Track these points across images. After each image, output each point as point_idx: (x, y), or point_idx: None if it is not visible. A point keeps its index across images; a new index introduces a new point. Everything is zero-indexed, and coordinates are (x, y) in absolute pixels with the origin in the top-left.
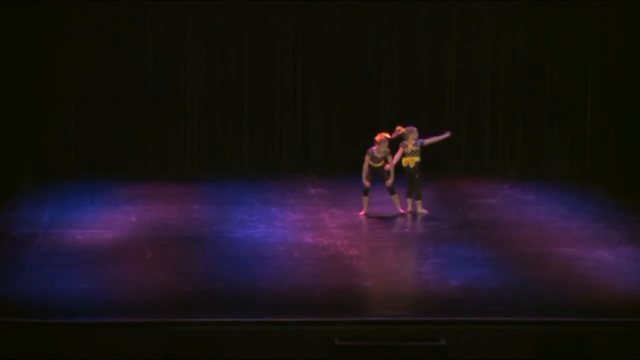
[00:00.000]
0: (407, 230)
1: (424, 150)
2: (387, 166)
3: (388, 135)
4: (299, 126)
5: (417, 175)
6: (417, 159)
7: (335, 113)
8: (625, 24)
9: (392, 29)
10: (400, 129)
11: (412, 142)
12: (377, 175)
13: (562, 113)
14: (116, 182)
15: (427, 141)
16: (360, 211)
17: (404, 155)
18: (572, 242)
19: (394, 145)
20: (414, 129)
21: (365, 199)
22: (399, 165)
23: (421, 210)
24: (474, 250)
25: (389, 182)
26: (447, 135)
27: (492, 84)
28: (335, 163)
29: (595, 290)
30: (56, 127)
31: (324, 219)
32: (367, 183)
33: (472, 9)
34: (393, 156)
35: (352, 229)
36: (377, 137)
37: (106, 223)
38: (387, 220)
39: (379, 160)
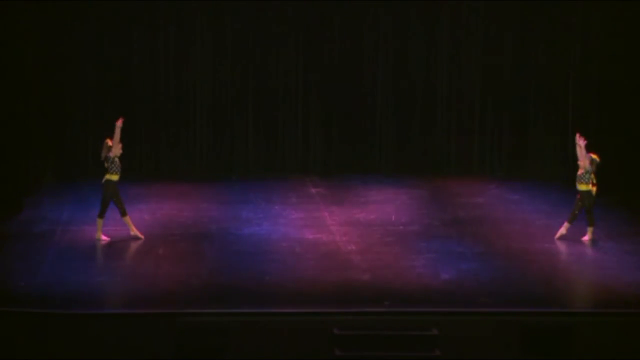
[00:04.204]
0: (401, 227)
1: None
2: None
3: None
4: (301, 129)
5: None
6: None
7: (335, 117)
8: (606, 27)
9: (387, 34)
10: (594, 157)
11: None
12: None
13: (546, 116)
14: (130, 183)
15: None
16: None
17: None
18: (555, 238)
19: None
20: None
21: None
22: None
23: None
24: (464, 245)
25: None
26: None
27: (482, 88)
28: (335, 164)
29: (577, 283)
30: (75, 131)
31: (324, 217)
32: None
33: (463, 14)
34: None
35: (351, 226)
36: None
37: (121, 220)
38: (383, 218)
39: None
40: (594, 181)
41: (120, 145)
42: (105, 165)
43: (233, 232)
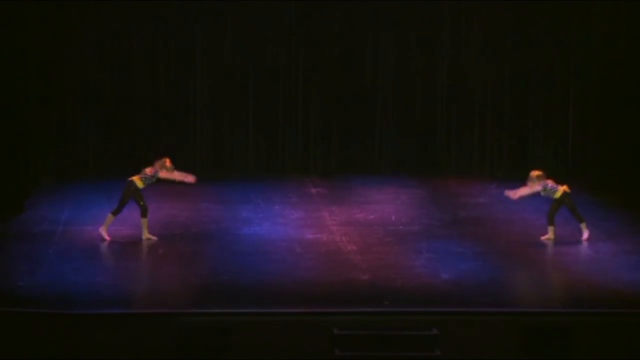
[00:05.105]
0: (401, 227)
1: None
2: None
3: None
4: (301, 130)
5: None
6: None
7: (335, 117)
8: (608, 26)
9: (387, 34)
10: (532, 175)
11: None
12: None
13: (545, 117)
14: None
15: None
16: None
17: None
18: (554, 238)
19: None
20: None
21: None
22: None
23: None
24: (464, 245)
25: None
26: None
27: (482, 90)
28: (335, 164)
29: (576, 283)
30: (74, 130)
31: (324, 217)
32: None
33: (463, 15)
34: None
35: (351, 226)
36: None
37: (121, 220)
38: (383, 218)
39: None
40: (558, 182)
41: (168, 177)
42: (146, 170)
43: (233, 232)
